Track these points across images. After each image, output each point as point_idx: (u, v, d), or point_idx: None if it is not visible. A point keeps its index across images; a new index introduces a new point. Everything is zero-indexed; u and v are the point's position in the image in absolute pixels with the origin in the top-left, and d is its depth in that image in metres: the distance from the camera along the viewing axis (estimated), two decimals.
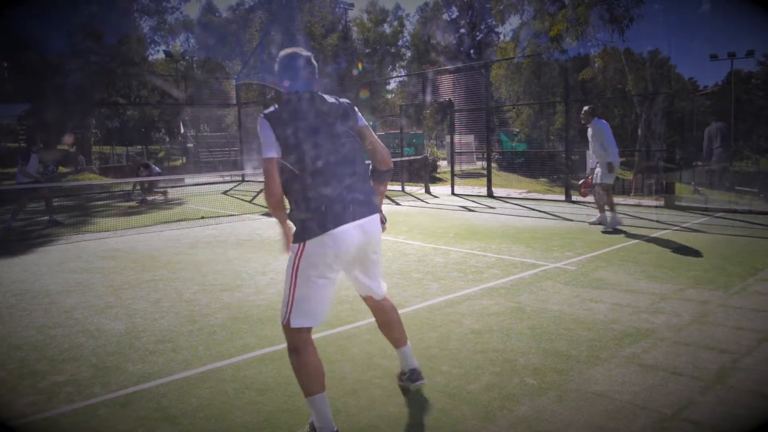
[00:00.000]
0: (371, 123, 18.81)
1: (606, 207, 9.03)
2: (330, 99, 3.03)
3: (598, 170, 8.96)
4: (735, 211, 10.19)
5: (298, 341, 2.89)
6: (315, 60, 3.11)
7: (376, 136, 3.19)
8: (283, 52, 3.08)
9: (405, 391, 3.35)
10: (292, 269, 2.87)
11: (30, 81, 24.79)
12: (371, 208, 3.01)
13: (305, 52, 3.07)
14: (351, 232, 2.90)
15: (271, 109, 2.94)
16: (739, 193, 12.73)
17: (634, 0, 22.36)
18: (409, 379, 3.36)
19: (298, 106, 2.93)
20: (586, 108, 9.15)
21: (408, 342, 3.43)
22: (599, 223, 9.14)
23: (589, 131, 9.02)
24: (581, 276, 5.93)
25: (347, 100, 3.11)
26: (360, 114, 3.15)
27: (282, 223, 2.93)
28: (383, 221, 3.23)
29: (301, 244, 2.84)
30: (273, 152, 2.84)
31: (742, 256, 6.67)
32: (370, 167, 3.18)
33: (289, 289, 2.89)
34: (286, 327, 2.91)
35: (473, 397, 3.26)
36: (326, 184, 2.85)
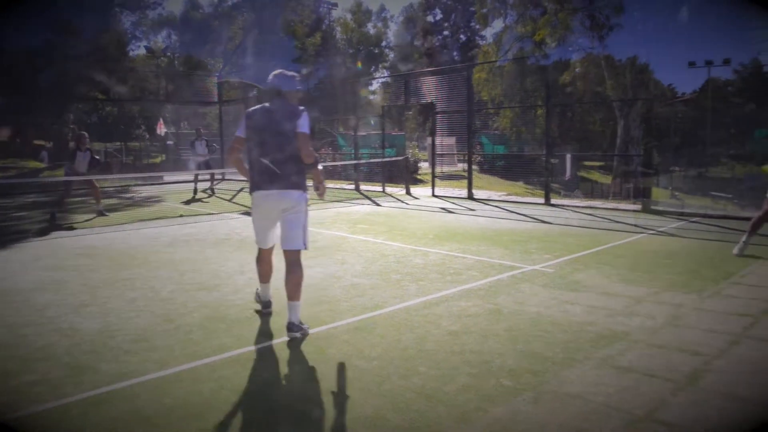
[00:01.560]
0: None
1: None
2: (288, 107, 4.42)
3: None
4: (710, 216, 10.35)
5: (258, 254, 4.91)
6: (290, 77, 4.55)
7: (306, 141, 4.38)
8: (272, 73, 4.55)
9: (380, 386, 3.36)
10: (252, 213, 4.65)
11: (5, 75, 24.38)
12: (290, 184, 4.39)
13: (289, 72, 4.57)
14: (270, 194, 4.42)
15: (250, 109, 4.55)
16: (715, 198, 12.94)
17: (615, 8, 22.65)
18: (287, 327, 4.35)
19: (262, 110, 4.49)
20: None
21: (298, 301, 4.41)
22: None
23: None
24: (558, 278, 5.99)
25: (302, 109, 4.42)
26: (305, 122, 4.38)
27: (240, 172, 4.79)
28: (320, 191, 4.65)
29: (252, 196, 4.51)
30: (241, 132, 4.53)
31: (715, 261, 6.78)
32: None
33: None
34: (259, 249, 4.85)
35: (449, 398, 3.27)
36: (268, 159, 4.36)
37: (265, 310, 4.96)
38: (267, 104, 4.49)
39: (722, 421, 3.01)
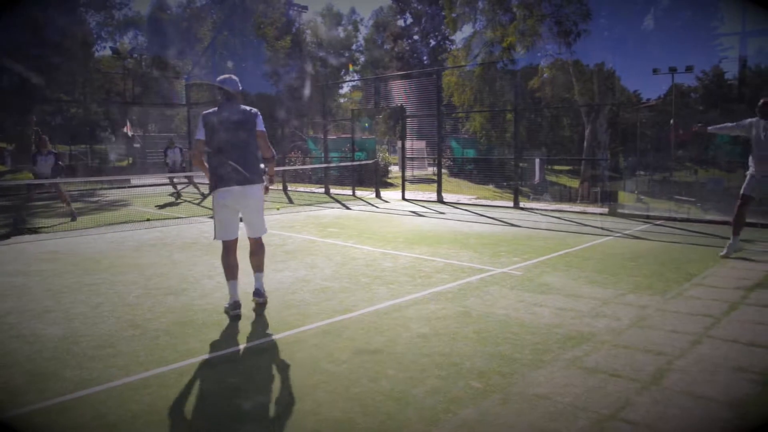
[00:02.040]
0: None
1: None
2: (244, 109, 4.94)
3: None
4: (674, 219, 10.58)
5: (224, 247, 5.02)
6: (235, 82, 5.03)
7: (265, 138, 5.00)
8: (220, 77, 5.02)
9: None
10: (214, 210, 4.96)
11: None
12: (252, 178, 4.87)
13: (235, 77, 5.04)
14: (233, 190, 4.85)
15: (208, 110, 4.94)
16: (678, 202, 13.22)
17: (582, 15, 23.02)
18: (254, 293, 5.15)
19: (221, 113, 4.90)
20: (761, 102, 7.15)
21: (263, 272, 5.25)
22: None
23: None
24: (527, 281, 6.05)
25: (255, 110, 4.99)
26: (261, 122, 4.99)
27: (205, 173, 5.03)
28: (267, 186, 5.14)
29: (214, 192, 4.90)
30: (202, 133, 4.88)
31: (679, 262, 6.93)
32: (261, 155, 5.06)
33: (214, 218, 5.01)
34: (223, 243, 5.02)
35: (418, 401, 3.28)
36: (229, 157, 4.81)
37: (234, 312, 4.88)
38: (223, 108, 4.93)
39: (685, 419, 3.07)
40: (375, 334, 4.42)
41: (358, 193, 16.93)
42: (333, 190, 17.60)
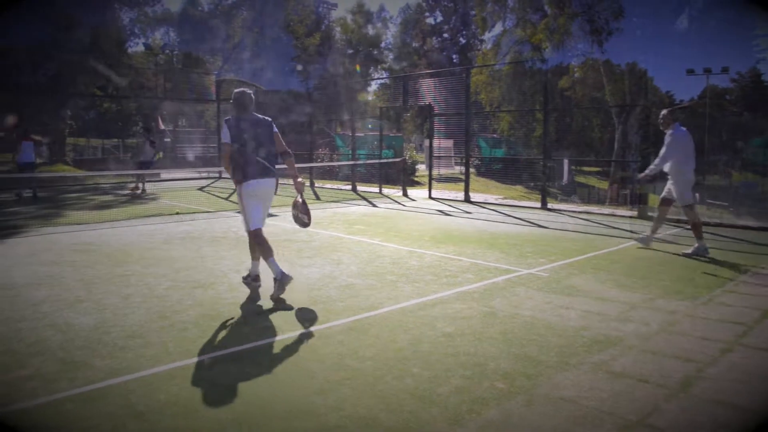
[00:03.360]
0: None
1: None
2: (259, 117, 5.69)
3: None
4: (705, 224, 10.37)
5: (258, 235, 5.52)
6: (253, 95, 5.79)
7: (281, 139, 5.70)
8: (236, 91, 5.68)
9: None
10: (240, 198, 5.59)
11: (3, 69, 24.32)
12: (270, 173, 5.56)
13: (249, 90, 5.69)
14: (262, 183, 5.53)
15: (228, 117, 5.58)
16: (710, 206, 12.98)
17: (614, 13, 22.70)
18: (253, 279, 5.72)
19: (241, 120, 5.55)
20: (665, 111, 7.78)
21: (261, 260, 5.61)
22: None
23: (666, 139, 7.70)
24: (554, 283, 6.00)
25: (269, 119, 5.72)
26: (275, 126, 5.68)
27: (229, 171, 5.65)
28: (297, 185, 5.76)
29: (242, 184, 5.49)
30: (227, 137, 5.47)
31: (710, 268, 6.80)
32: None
33: (243, 210, 5.60)
34: (250, 232, 5.56)
35: (442, 400, 3.28)
36: (256, 155, 5.50)
37: (256, 283, 5.68)
38: (246, 115, 5.61)
39: (714, 428, 3.02)
40: (400, 332, 4.42)
41: (385, 190, 16.94)
42: (360, 188, 17.64)
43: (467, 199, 14.58)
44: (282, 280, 5.26)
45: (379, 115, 18.89)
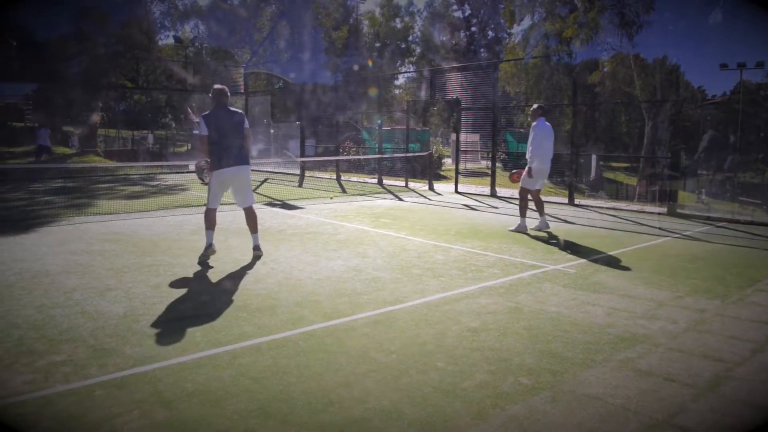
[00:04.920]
0: (379, 121, 18.89)
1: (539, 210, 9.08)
2: (233, 110, 6.64)
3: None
4: (737, 222, 10.19)
5: (212, 212, 6.69)
6: (228, 91, 6.68)
7: (249, 134, 6.73)
8: (215, 86, 6.66)
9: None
10: (210, 180, 6.60)
11: (38, 61, 24.82)
12: (241, 161, 6.55)
13: (223, 87, 6.63)
14: (227, 172, 6.52)
15: (206, 112, 6.50)
16: (743, 203, 12.72)
17: (645, 6, 22.31)
18: (254, 248, 6.84)
19: (217, 113, 6.50)
20: (536, 106, 8.91)
21: (257, 232, 6.95)
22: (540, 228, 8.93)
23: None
24: (580, 279, 5.95)
25: (242, 112, 6.74)
26: (246, 121, 6.66)
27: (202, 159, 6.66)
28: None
29: (213, 173, 6.49)
30: (203, 128, 6.39)
31: (741, 267, 6.68)
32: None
33: (209, 192, 6.65)
34: (208, 209, 6.67)
35: (467, 395, 3.28)
36: (224, 145, 6.44)
37: (207, 252, 6.55)
38: (222, 110, 6.53)
39: (742, 428, 2.98)
40: (425, 326, 4.43)
41: (411, 184, 16.92)
42: (386, 181, 17.65)
43: (493, 194, 14.50)
44: (208, 248, 6.52)
45: (406, 108, 18.85)
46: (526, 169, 8.78)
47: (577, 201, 13.03)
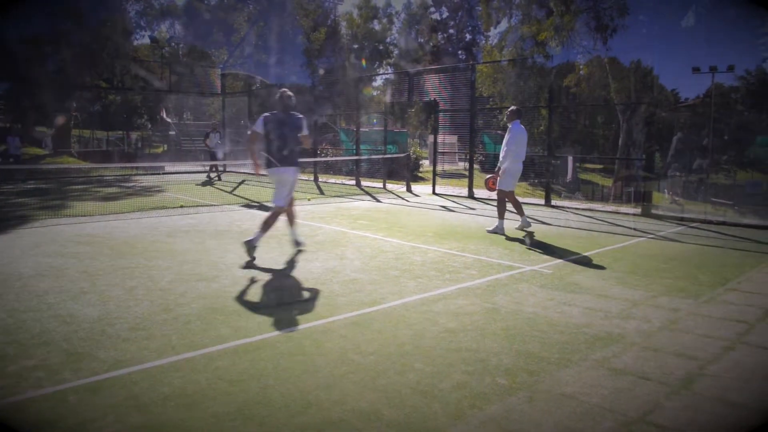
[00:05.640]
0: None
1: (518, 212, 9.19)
2: (294, 115, 6.91)
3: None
4: (709, 222, 10.37)
5: (280, 212, 6.94)
6: (292, 97, 6.94)
7: (307, 137, 7.08)
8: (280, 90, 6.96)
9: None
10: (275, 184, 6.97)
11: (9, 60, 24.36)
12: (290, 163, 6.83)
13: (286, 91, 6.93)
14: (289, 170, 6.84)
15: (268, 113, 6.86)
16: (715, 204, 12.95)
17: (619, 10, 22.63)
18: (295, 243, 7.29)
19: (277, 116, 6.84)
20: (512, 108, 9.04)
21: (264, 233, 6.77)
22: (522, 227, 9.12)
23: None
24: (557, 280, 6.01)
25: (302, 116, 6.97)
26: (305, 125, 6.97)
27: (253, 156, 7.01)
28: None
29: (268, 171, 6.87)
30: (260, 127, 6.79)
31: (713, 266, 6.80)
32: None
33: (274, 191, 6.95)
34: (276, 207, 6.89)
35: (444, 395, 3.29)
36: (282, 147, 6.76)
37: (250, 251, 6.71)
38: (283, 113, 6.86)
39: (715, 425, 3.03)
40: (403, 328, 4.44)
41: (389, 186, 16.94)
42: (364, 183, 17.64)
43: (471, 195, 14.58)
44: (250, 242, 6.64)
45: (384, 110, 18.87)
46: (498, 169, 8.91)
47: (553, 202, 13.16)
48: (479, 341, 4.16)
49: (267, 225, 6.76)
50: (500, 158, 8.94)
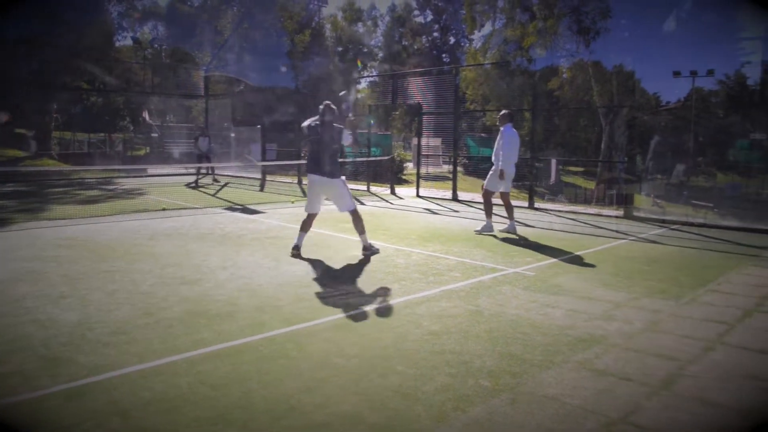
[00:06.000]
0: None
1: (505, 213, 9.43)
2: (336, 126, 7.06)
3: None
4: (690, 224, 10.48)
5: (307, 217, 7.28)
6: (333, 105, 7.09)
7: (343, 147, 7.54)
8: (325, 102, 7.11)
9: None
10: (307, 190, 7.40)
11: None
12: (330, 173, 7.03)
13: (332, 106, 7.09)
14: (318, 179, 7.07)
15: (314, 123, 7.09)
16: (695, 206, 13.10)
17: (601, 13, 22.85)
18: (366, 249, 7.28)
19: (317, 126, 7.06)
20: (504, 112, 9.29)
21: (363, 234, 7.32)
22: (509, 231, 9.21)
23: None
24: (539, 282, 6.03)
25: (342, 127, 7.14)
26: (344, 136, 7.13)
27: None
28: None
29: (309, 176, 7.20)
30: (305, 130, 7.14)
31: (694, 268, 6.87)
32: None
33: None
34: (308, 214, 7.31)
35: (427, 398, 3.29)
36: (316, 154, 7.04)
37: (295, 251, 7.10)
38: (325, 125, 7.02)
39: (695, 425, 3.06)
40: (386, 330, 4.43)
41: (373, 188, 16.93)
42: (348, 185, 17.61)
43: (455, 198, 14.62)
44: (294, 248, 7.13)
45: (368, 112, 18.86)
46: (494, 171, 9.05)
47: (536, 205, 13.23)
48: (462, 343, 4.16)
49: (303, 225, 7.31)
50: (493, 161, 9.12)
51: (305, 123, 7.16)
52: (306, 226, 7.29)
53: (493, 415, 3.11)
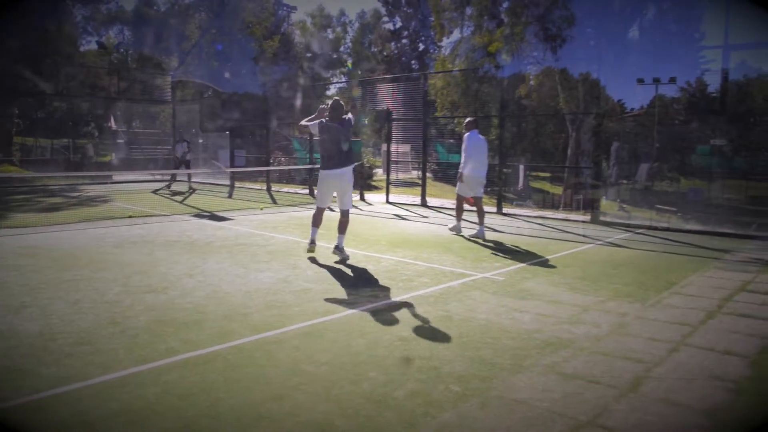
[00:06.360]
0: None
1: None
2: (345, 119, 7.44)
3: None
4: (655, 228, 10.69)
5: (317, 211, 7.63)
6: (343, 106, 7.48)
7: (351, 142, 7.49)
8: (334, 100, 7.48)
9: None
10: (318, 186, 7.67)
11: None
12: (343, 164, 7.35)
13: (342, 101, 7.53)
14: (333, 173, 7.37)
15: (324, 121, 7.38)
16: (659, 211, 13.35)
17: (567, 20, 23.25)
18: (338, 249, 7.39)
19: (329, 124, 7.34)
20: (469, 119, 9.66)
21: (343, 236, 7.50)
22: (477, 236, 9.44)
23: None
24: (508, 286, 6.09)
25: (350, 119, 7.53)
26: (351, 126, 7.48)
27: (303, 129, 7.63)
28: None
29: (320, 173, 7.49)
30: (316, 131, 7.37)
31: (659, 271, 7.01)
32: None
33: (317, 193, 7.76)
34: (317, 207, 7.67)
35: (398, 404, 3.29)
36: (331, 151, 7.33)
37: (311, 246, 7.53)
38: (335, 122, 7.35)
39: (662, 426, 3.11)
40: (356, 337, 4.42)
41: None
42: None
43: (424, 204, 14.68)
44: (309, 243, 7.57)
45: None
46: (459, 175, 9.46)
47: (505, 210, 13.36)
48: (432, 349, 4.17)
49: (314, 221, 7.67)
50: (460, 166, 9.47)
51: (310, 123, 7.40)
52: (317, 221, 7.60)
53: (463, 419, 3.12)
